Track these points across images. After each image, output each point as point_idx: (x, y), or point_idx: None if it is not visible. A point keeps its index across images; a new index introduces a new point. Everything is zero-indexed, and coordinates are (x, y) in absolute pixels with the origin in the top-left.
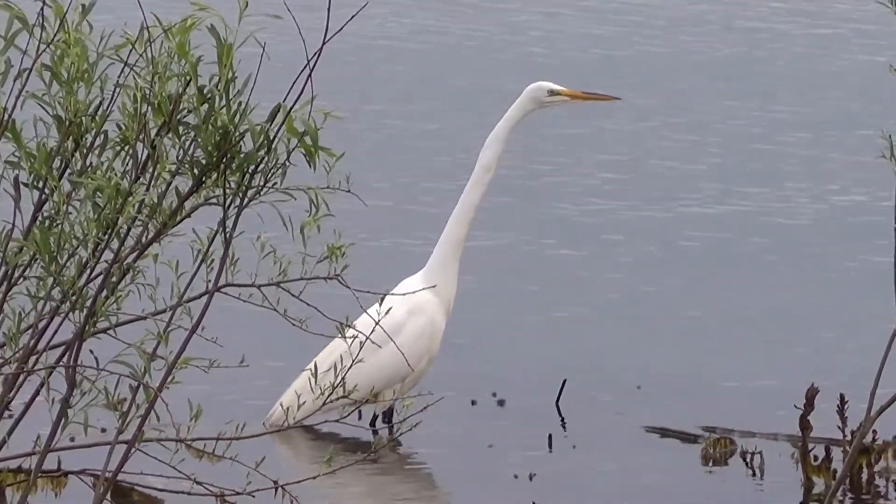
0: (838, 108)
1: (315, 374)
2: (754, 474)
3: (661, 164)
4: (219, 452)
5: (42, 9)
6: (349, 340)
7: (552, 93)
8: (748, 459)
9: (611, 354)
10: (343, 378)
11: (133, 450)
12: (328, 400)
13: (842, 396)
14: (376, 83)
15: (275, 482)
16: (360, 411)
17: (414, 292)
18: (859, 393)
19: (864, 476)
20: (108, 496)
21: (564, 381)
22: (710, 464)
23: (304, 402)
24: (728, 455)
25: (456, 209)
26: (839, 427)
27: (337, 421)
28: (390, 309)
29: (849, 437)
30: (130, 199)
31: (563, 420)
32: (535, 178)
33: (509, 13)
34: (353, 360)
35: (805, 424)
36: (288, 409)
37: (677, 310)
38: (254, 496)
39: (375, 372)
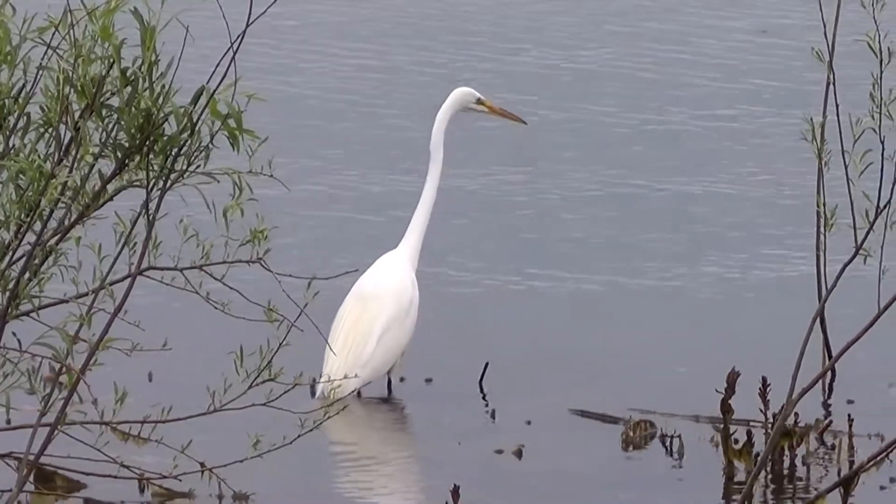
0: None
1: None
2: (675, 457)
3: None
4: (144, 435)
5: None
6: (382, 313)
7: (479, 101)
8: (668, 443)
9: (539, 336)
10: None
11: (56, 432)
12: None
13: (764, 379)
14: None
15: (202, 464)
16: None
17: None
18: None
19: (786, 459)
20: (32, 480)
21: (487, 364)
22: (630, 448)
23: (357, 375)
24: (648, 438)
25: (423, 194)
26: (761, 410)
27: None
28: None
29: (770, 420)
30: (53, 181)
31: (485, 400)
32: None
33: None
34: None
35: (726, 408)
36: (339, 383)
37: (604, 295)
38: (180, 479)
39: (405, 339)
